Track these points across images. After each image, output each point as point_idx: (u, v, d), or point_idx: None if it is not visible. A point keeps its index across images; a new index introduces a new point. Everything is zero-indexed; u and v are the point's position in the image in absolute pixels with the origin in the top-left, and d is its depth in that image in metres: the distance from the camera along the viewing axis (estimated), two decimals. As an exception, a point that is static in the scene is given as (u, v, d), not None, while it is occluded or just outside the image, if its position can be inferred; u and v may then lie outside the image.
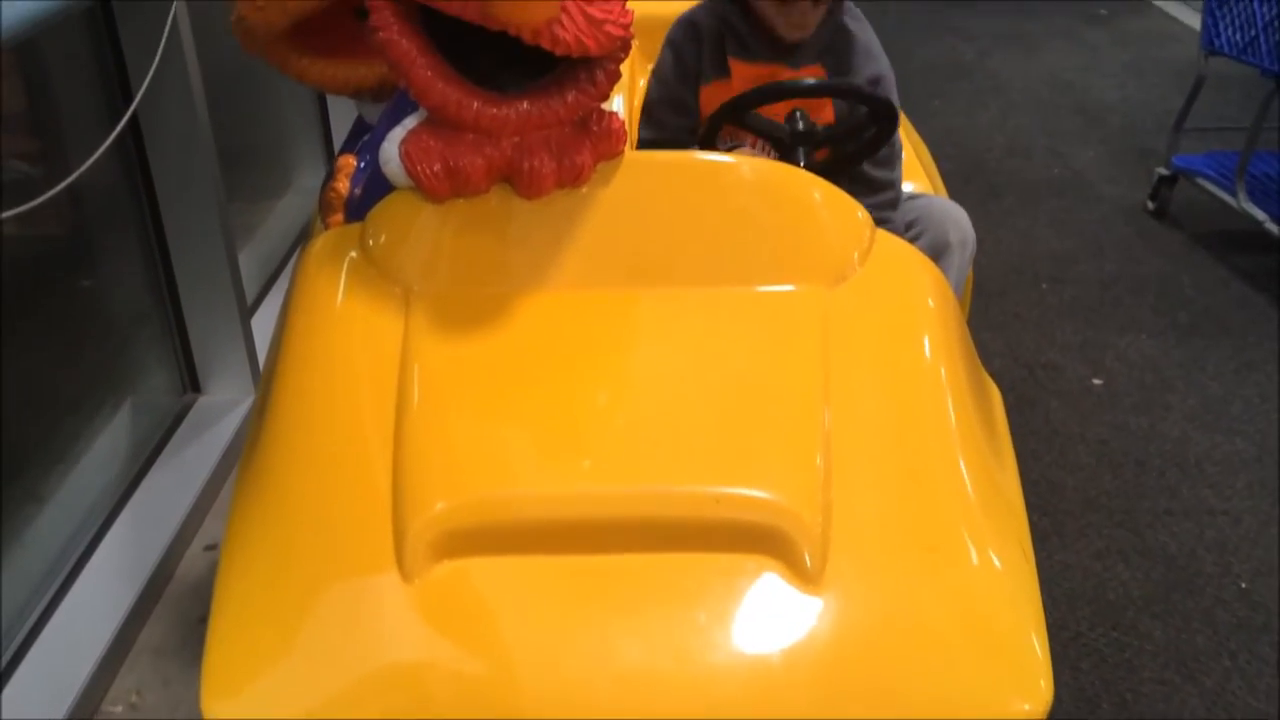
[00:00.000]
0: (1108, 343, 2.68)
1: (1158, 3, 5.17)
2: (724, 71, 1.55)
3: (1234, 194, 2.90)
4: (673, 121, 1.63)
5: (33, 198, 1.98)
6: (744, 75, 1.52)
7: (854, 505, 1.01)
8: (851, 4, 1.62)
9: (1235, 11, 2.84)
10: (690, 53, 1.58)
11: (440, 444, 1.05)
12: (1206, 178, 3.05)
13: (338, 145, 3.14)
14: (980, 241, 3.03)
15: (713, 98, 1.56)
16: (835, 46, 1.58)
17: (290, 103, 3.08)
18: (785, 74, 1.54)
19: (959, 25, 4.97)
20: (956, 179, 3.47)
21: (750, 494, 1.01)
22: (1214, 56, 2.95)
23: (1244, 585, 1.97)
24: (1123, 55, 4.54)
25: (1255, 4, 2.76)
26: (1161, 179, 3.20)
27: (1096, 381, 2.54)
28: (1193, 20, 4.61)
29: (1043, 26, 4.91)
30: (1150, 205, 3.25)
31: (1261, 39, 2.74)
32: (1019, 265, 3.02)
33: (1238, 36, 2.84)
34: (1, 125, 1.93)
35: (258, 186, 2.97)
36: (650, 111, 1.66)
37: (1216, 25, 2.91)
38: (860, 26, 1.62)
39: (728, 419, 1.08)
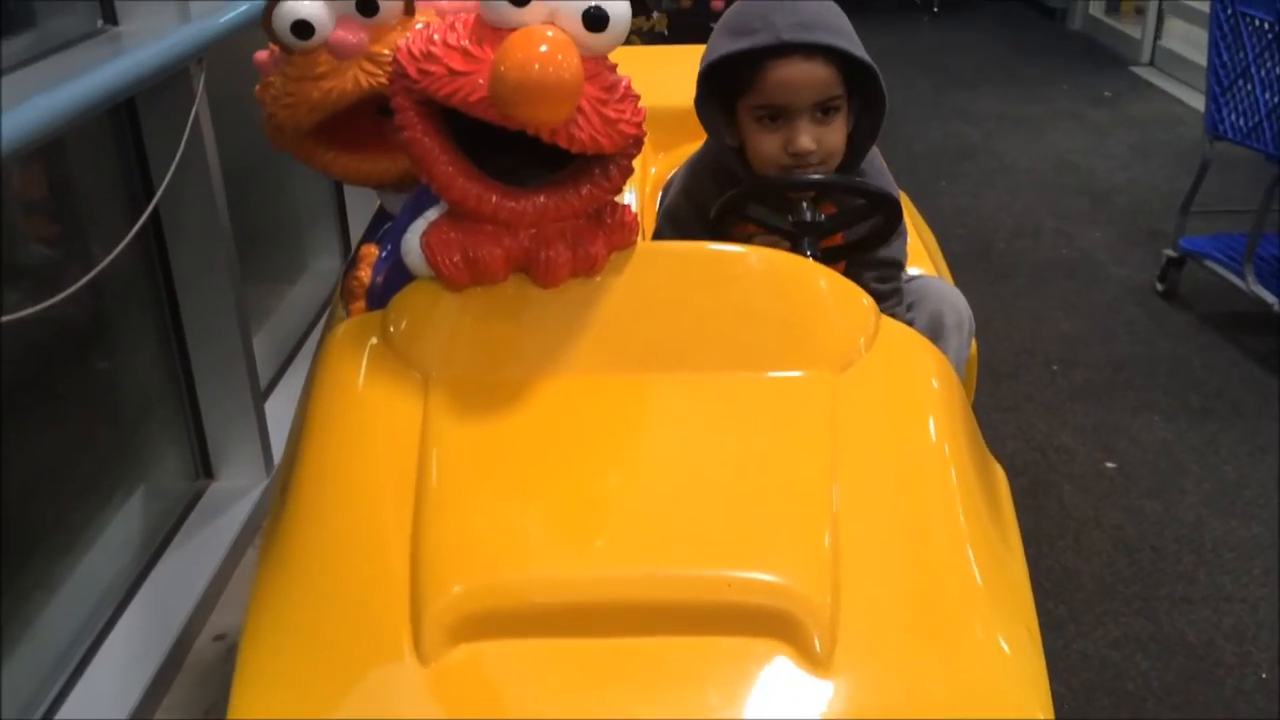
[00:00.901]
0: (1120, 425, 2.67)
1: (1162, 85, 5.24)
2: (734, 231, 1.54)
3: (1242, 276, 2.92)
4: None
5: (53, 279, 2.02)
6: (751, 232, 1.53)
7: (863, 590, 1.03)
8: (875, 152, 1.60)
9: (1238, 98, 2.88)
10: (709, 197, 1.54)
11: (458, 527, 1.07)
12: (1214, 260, 3.06)
13: (353, 229, 3.19)
14: (990, 322, 3.10)
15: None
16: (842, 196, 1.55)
17: (306, 187, 3.13)
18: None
19: (964, 107, 5.04)
20: (965, 260, 3.51)
21: (761, 578, 1.03)
22: (1218, 141, 2.99)
23: (1264, 675, 1.94)
24: (1128, 137, 4.60)
25: (1258, 90, 2.80)
26: (1170, 261, 3.21)
27: (1110, 465, 2.53)
28: (1197, 102, 4.67)
29: (1047, 109, 4.98)
30: (1159, 286, 3.26)
31: (1265, 125, 2.78)
32: (1029, 347, 3.03)
33: (1241, 122, 2.88)
34: (24, 210, 1.97)
35: (273, 269, 3.00)
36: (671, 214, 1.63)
37: (1220, 111, 2.95)
38: (876, 170, 1.60)
39: (739, 503, 1.10)
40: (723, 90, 1.50)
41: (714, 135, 1.53)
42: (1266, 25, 2.75)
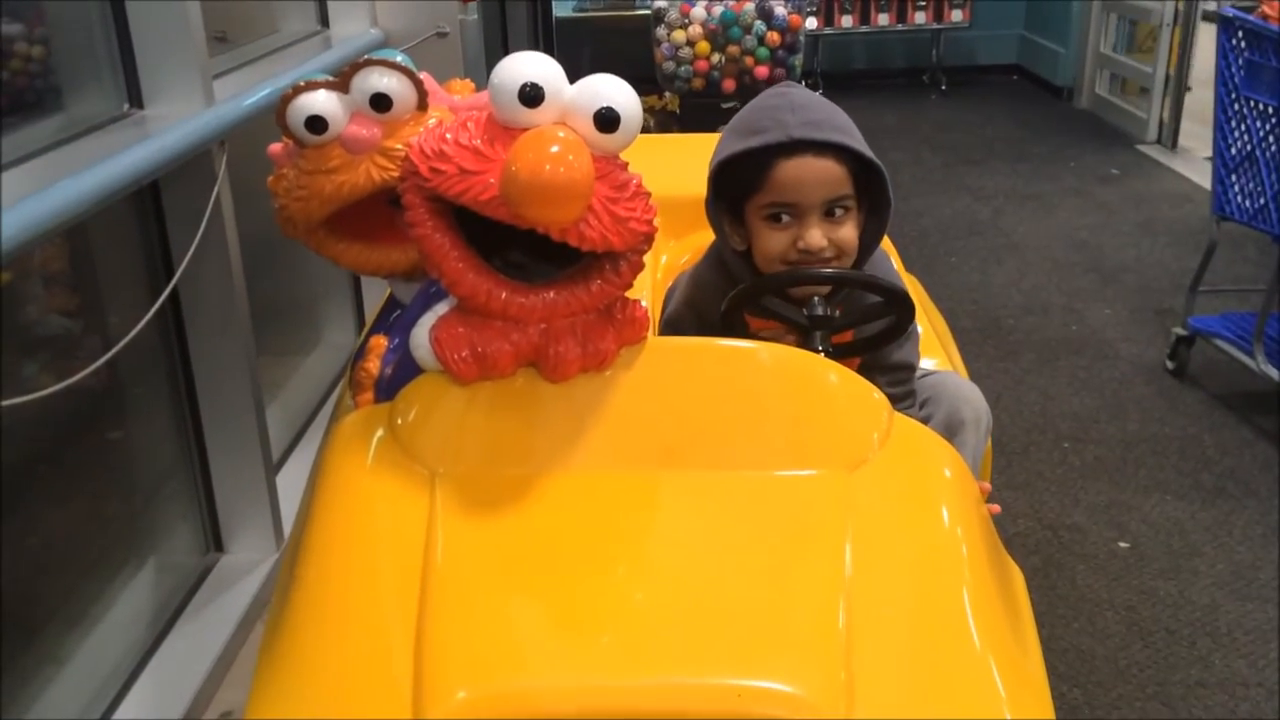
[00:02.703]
0: (1132, 504, 2.66)
1: (1169, 163, 5.29)
2: (743, 327, 1.54)
3: (1252, 355, 2.92)
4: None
5: (71, 351, 2.04)
6: (759, 326, 1.54)
7: (877, 698, 1.00)
8: (884, 253, 1.61)
9: (1244, 180, 2.91)
10: (711, 309, 1.54)
11: (462, 628, 1.05)
12: (1224, 339, 3.07)
13: (368, 302, 3.22)
14: (999, 400, 3.10)
15: None
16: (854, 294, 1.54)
17: (321, 260, 3.15)
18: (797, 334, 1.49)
19: (973, 184, 5.09)
20: (974, 337, 3.52)
21: (772, 688, 1.00)
22: (1225, 222, 3.01)
23: (1283, 764, 1.92)
24: (1136, 215, 4.63)
25: (1264, 172, 2.83)
26: (1179, 339, 3.22)
27: (1123, 545, 2.51)
28: (1203, 179, 4.71)
29: (1056, 186, 5.03)
30: (1169, 365, 3.26)
31: (1271, 207, 2.80)
32: (1040, 424, 3.03)
33: (1248, 204, 2.91)
34: (44, 282, 2.00)
35: (287, 341, 3.03)
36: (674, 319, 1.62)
37: (1226, 193, 2.98)
38: (882, 267, 1.59)
39: (749, 608, 1.08)
40: (731, 192, 1.50)
41: (721, 238, 1.54)
42: (1271, 109, 2.79)
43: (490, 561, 1.13)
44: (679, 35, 4.92)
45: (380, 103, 1.34)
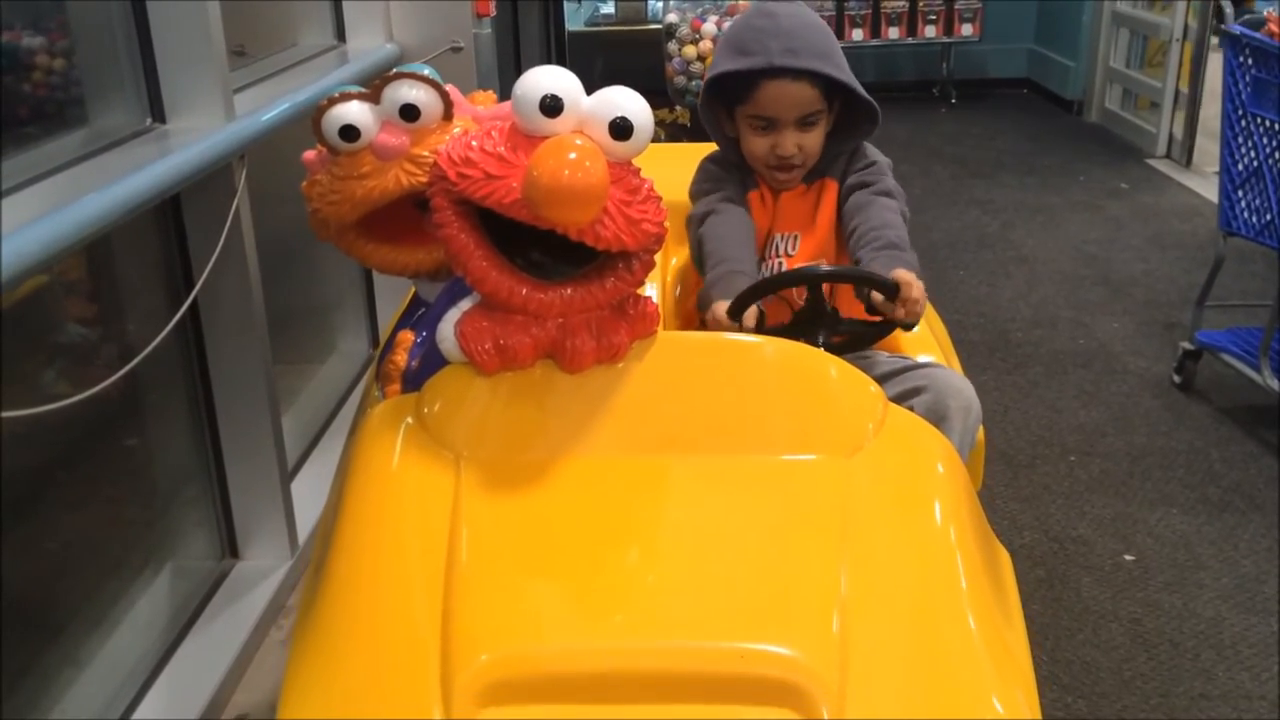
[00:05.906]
0: (1138, 517, 2.68)
1: (1178, 178, 5.30)
2: (755, 184, 1.81)
3: (1258, 370, 2.94)
4: (728, 192, 1.80)
5: (88, 359, 2.08)
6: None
7: (870, 663, 1.08)
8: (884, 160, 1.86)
9: (1251, 196, 2.93)
10: (731, 169, 1.81)
11: (486, 600, 1.14)
12: (1230, 353, 3.09)
13: (381, 312, 3.26)
14: (1006, 412, 3.13)
15: (752, 202, 1.81)
16: (842, 163, 1.81)
17: (336, 269, 3.20)
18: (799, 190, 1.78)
19: (982, 197, 5.11)
20: (982, 349, 3.54)
21: (772, 650, 1.09)
22: (1232, 237, 3.03)
23: (1286, 775, 1.93)
24: (1144, 229, 4.65)
25: (1270, 189, 2.85)
26: (1186, 353, 3.24)
27: (1128, 558, 2.53)
28: (1213, 194, 4.72)
29: (1064, 199, 5.05)
30: (1176, 379, 3.28)
31: (1278, 222, 2.82)
32: (1047, 437, 3.05)
33: (1254, 219, 2.93)
34: (64, 290, 2.04)
35: (301, 350, 3.06)
36: (704, 192, 1.81)
37: (1233, 208, 3.00)
38: (880, 169, 1.83)
39: (752, 579, 1.17)
40: (726, 95, 1.75)
41: (713, 131, 1.82)
42: (1278, 126, 2.81)
43: (510, 538, 1.22)
44: (690, 50, 4.96)
45: (409, 113, 1.43)
